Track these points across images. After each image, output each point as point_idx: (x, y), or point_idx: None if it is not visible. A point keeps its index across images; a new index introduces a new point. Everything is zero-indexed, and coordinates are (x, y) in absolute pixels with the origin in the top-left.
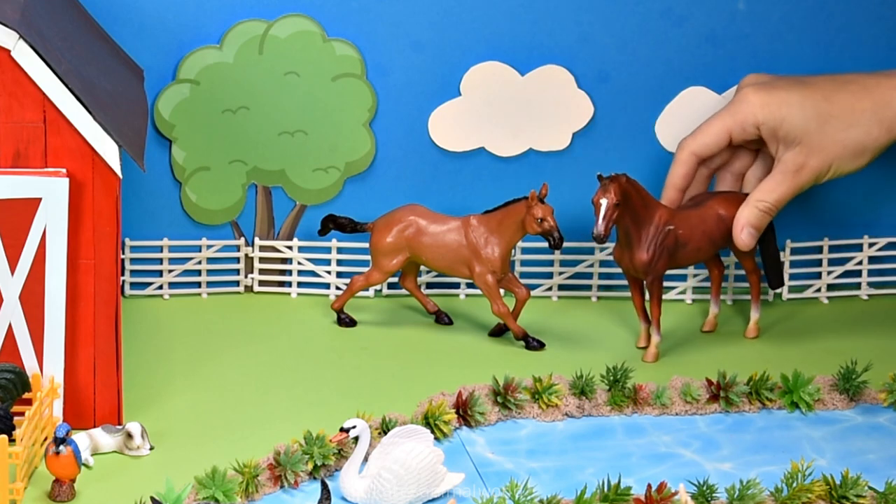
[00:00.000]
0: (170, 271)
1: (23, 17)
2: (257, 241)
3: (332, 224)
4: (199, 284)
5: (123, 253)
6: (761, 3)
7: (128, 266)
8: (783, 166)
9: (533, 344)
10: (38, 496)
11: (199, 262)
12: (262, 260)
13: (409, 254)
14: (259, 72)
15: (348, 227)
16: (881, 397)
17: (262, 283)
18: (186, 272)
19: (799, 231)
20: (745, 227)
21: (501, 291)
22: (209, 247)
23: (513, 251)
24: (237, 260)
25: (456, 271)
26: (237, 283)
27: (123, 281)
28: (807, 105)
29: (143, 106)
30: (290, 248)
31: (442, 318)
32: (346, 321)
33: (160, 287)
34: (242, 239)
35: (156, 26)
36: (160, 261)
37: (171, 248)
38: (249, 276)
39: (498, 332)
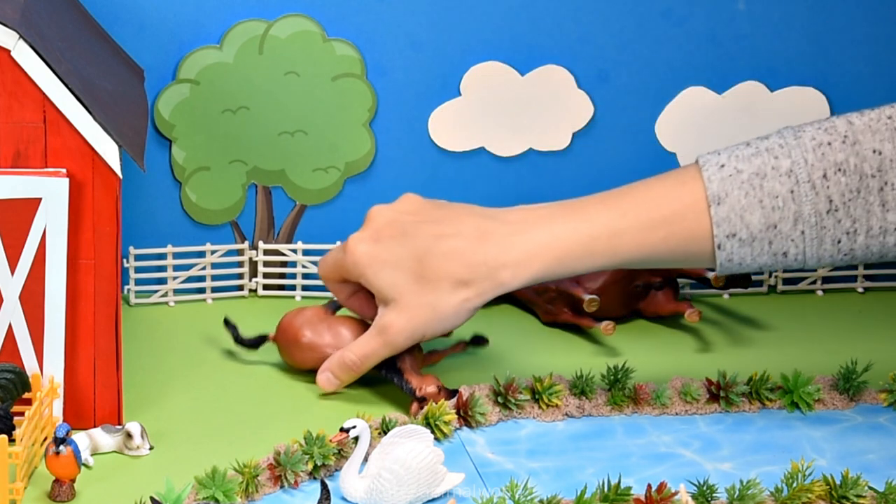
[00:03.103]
0: (174, 278)
1: (23, 17)
2: (261, 245)
3: (234, 337)
4: (203, 290)
5: (127, 261)
6: (761, 3)
7: (132, 275)
8: (375, 323)
9: (477, 340)
10: (38, 496)
11: (204, 268)
12: (265, 263)
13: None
14: (259, 72)
15: (246, 343)
16: (881, 397)
17: (265, 286)
18: (191, 278)
19: None
20: (324, 371)
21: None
22: (213, 252)
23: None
24: (241, 264)
25: None
26: (241, 287)
27: (128, 289)
28: (401, 266)
29: (143, 106)
30: (294, 251)
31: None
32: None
33: (165, 294)
34: (246, 243)
35: (156, 26)
36: (164, 268)
37: (175, 255)
38: (253, 279)
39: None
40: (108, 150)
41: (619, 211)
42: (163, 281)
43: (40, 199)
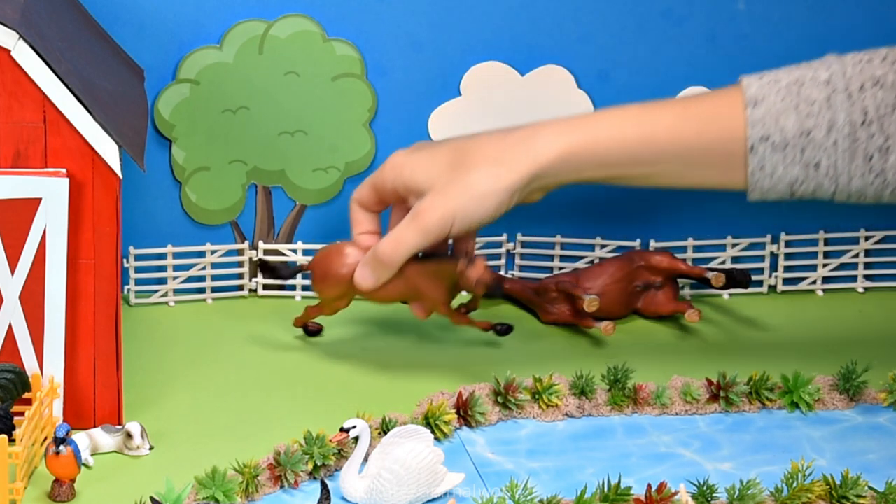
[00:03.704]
0: (174, 278)
1: (23, 17)
2: (261, 245)
3: (269, 273)
4: (203, 290)
5: (127, 262)
6: (761, 3)
7: (132, 275)
8: (411, 212)
9: (500, 329)
10: (38, 496)
11: (203, 268)
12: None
13: (354, 290)
14: (259, 72)
15: (284, 272)
16: (881, 397)
17: (265, 286)
18: (191, 278)
19: (795, 224)
20: (361, 266)
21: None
22: (213, 252)
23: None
24: (240, 264)
25: (406, 298)
26: (241, 287)
27: (128, 290)
28: (437, 158)
29: (143, 106)
30: (293, 251)
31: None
32: (312, 332)
33: (165, 294)
34: (246, 243)
35: (156, 26)
36: (164, 268)
37: (175, 255)
38: (253, 279)
39: (504, 330)
40: (108, 150)
41: (656, 105)
42: (163, 281)
43: (40, 199)
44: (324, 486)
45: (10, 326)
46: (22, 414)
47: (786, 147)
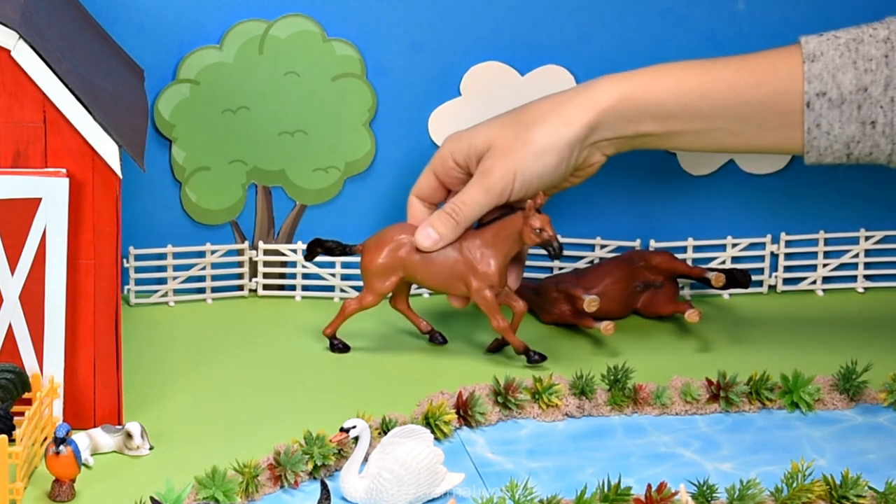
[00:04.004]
0: (174, 278)
1: (23, 17)
2: (261, 245)
3: (320, 248)
4: (203, 290)
5: (128, 261)
6: (761, 3)
7: (132, 275)
8: (476, 173)
9: (534, 357)
10: (38, 496)
11: (204, 268)
12: (265, 264)
13: (403, 274)
14: (259, 72)
15: (337, 250)
16: (881, 397)
17: (265, 286)
18: (191, 278)
19: (795, 224)
20: (427, 227)
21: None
22: (213, 252)
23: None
24: (241, 264)
25: (452, 288)
26: (241, 287)
27: (128, 289)
28: (495, 121)
29: (143, 106)
30: (293, 251)
31: (436, 338)
32: (339, 347)
33: (165, 294)
34: (246, 243)
35: (156, 26)
36: (164, 268)
37: (175, 255)
38: (253, 279)
39: (496, 347)
40: (108, 150)
41: (715, 61)
42: (163, 281)
43: (40, 199)
44: (324, 486)
45: (10, 326)
46: (22, 414)
47: (842, 104)
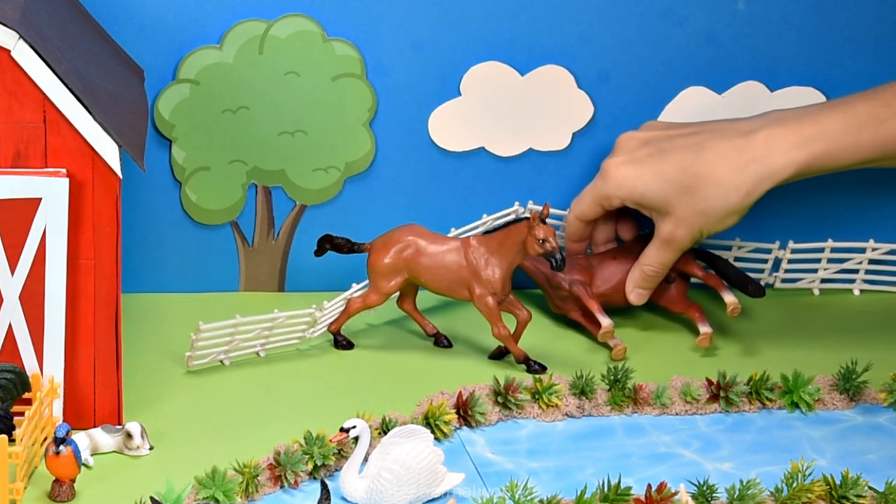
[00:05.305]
0: (175, 278)
1: (23, 17)
2: (325, 305)
3: (329, 245)
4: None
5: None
6: (761, 3)
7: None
8: (658, 234)
9: (535, 367)
10: (38, 496)
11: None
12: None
13: (408, 275)
14: (259, 72)
15: (345, 247)
16: (881, 397)
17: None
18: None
19: (801, 233)
20: (634, 290)
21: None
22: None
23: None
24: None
25: (455, 293)
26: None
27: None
28: (663, 179)
29: (143, 106)
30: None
31: (441, 341)
32: (343, 344)
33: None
34: (314, 306)
35: (156, 26)
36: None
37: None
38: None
39: (498, 355)
40: (108, 150)
41: (882, 101)
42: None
43: (40, 199)
44: (324, 486)
45: (10, 326)
46: (22, 414)
47: None
